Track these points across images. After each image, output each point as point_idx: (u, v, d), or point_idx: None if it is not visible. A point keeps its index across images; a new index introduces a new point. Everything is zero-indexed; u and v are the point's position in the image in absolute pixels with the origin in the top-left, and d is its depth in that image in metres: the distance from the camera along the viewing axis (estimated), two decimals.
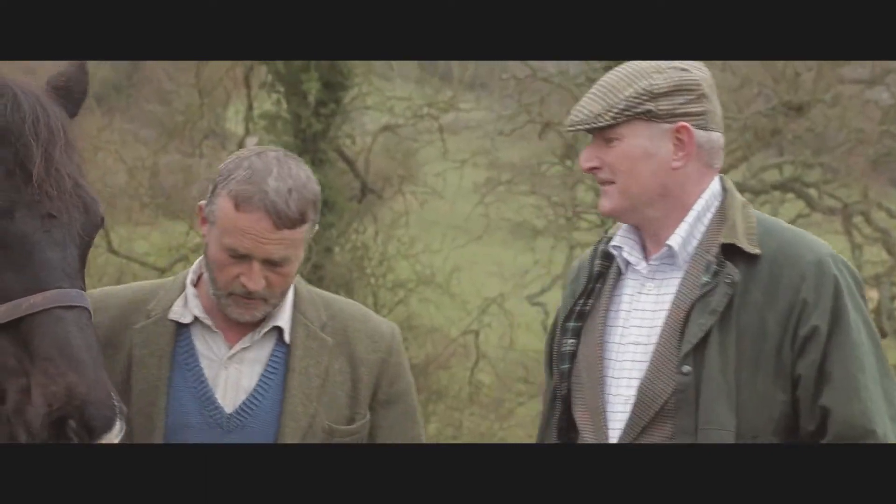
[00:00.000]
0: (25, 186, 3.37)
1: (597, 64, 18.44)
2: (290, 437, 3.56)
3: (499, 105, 20.46)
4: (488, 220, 19.97)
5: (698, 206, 3.56)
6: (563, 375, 3.67)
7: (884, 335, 15.77)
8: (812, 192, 18.45)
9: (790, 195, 18.78)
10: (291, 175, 3.52)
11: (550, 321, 3.92)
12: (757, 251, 3.47)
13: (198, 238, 18.63)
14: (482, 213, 19.82)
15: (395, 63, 20.14)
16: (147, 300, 3.70)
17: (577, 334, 3.66)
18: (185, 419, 3.58)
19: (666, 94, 3.51)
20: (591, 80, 18.99)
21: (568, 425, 3.70)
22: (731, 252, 3.48)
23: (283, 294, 3.59)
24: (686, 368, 3.43)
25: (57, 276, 3.34)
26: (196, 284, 3.70)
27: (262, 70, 19.75)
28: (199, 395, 3.59)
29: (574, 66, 19.56)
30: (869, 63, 17.71)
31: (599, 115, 3.51)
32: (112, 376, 3.58)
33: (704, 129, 3.54)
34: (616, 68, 3.60)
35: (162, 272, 18.27)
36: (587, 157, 3.59)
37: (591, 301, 3.67)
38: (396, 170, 21.46)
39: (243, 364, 3.61)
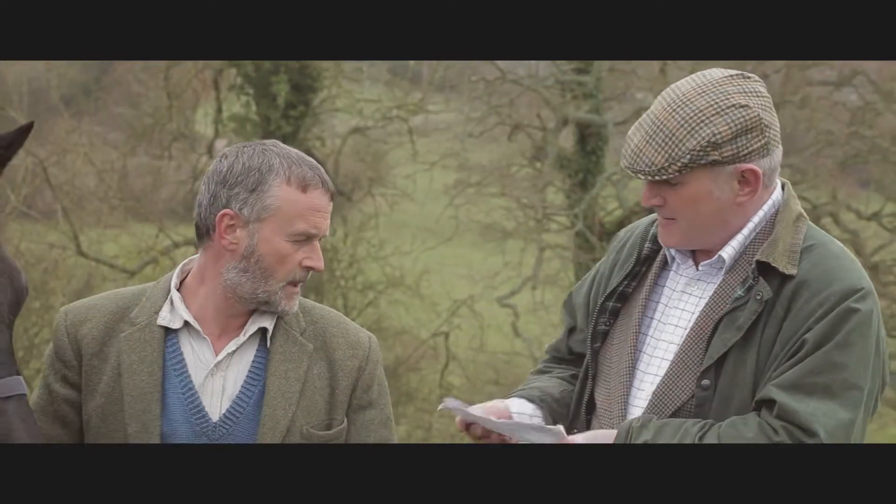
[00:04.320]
0: None
1: (566, 65, 18.51)
2: (269, 440, 3.56)
3: (468, 107, 20.47)
4: (458, 222, 19.98)
5: (756, 218, 3.52)
6: (594, 355, 3.66)
7: None
8: None
9: None
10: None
11: (522, 322, 3.85)
12: (793, 272, 3.42)
13: (167, 241, 18.58)
14: (452, 214, 19.83)
15: (364, 65, 20.14)
16: (130, 308, 3.66)
17: (615, 315, 3.66)
18: (174, 427, 3.56)
19: (729, 141, 3.41)
20: (561, 83, 19.07)
21: (589, 404, 3.68)
22: (766, 269, 3.44)
23: None
24: (705, 382, 3.43)
25: None
26: (180, 289, 3.67)
27: (231, 73, 19.73)
28: (187, 404, 3.57)
29: (543, 69, 19.60)
30: (837, 65, 17.80)
31: (662, 168, 3.41)
32: (99, 386, 3.55)
33: (767, 155, 3.46)
34: (665, 102, 3.47)
35: (131, 274, 18.21)
36: (650, 196, 3.52)
37: (633, 283, 3.65)
38: (366, 172, 21.46)
39: (228, 370, 3.60)
